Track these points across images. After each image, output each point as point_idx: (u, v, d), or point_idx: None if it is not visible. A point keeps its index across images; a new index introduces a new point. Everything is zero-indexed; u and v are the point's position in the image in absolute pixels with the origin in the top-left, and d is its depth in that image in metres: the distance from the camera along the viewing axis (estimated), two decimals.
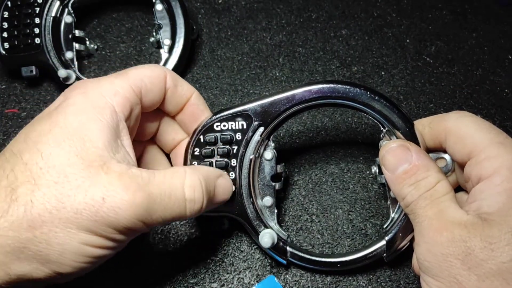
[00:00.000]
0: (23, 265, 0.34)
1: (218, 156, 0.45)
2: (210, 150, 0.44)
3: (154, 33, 0.57)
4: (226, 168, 0.45)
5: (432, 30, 0.60)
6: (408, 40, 0.60)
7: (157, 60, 0.59)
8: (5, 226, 0.33)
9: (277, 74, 0.58)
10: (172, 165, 0.49)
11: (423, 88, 0.57)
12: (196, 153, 0.45)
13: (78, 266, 0.35)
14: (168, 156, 0.49)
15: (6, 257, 0.33)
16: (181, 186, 0.38)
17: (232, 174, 0.45)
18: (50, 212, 0.33)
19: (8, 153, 0.36)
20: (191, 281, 0.47)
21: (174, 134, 0.47)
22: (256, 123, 0.44)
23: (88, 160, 0.35)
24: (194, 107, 0.45)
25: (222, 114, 0.44)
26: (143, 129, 0.46)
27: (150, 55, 0.60)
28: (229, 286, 0.47)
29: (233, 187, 0.44)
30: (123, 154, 0.38)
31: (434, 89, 0.57)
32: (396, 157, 0.40)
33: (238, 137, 0.44)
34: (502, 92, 0.57)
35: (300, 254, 0.46)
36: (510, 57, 0.59)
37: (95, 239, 0.35)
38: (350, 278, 0.48)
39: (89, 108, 0.37)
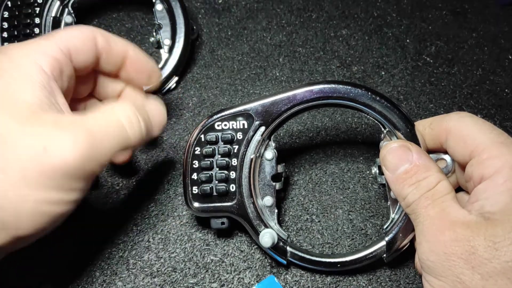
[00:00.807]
0: None
1: (219, 156, 0.45)
2: (211, 149, 0.44)
3: (154, 33, 0.57)
4: (227, 167, 0.45)
5: (432, 30, 0.60)
6: (408, 40, 0.60)
7: (157, 60, 0.59)
8: None
9: (277, 74, 0.58)
10: None
11: (423, 88, 0.57)
12: (197, 152, 0.45)
13: (38, 227, 0.34)
14: None
15: None
16: (115, 115, 0.38)
17: (232, 173, 0.45)
18: None
19: None
20: (191, 281, 0.47)
21: (114, 85, 0.46)
22: (257, 122, 0.44)
23: (21, 117, 0.34)
24: (135, 62, 0.44)
25: (223, 113, 0.44)
26: (79, 88, 0.45)
27: (150, 55, 0.59)
28: (229, 286, 0.47)
29: (164, 108, 0.45)
30: (57, 109, 0.37)
31: (434, 89, 0.57)
32: (396, 157, 0.40)
33: (239, 136, 0.44)
34: (502, 92, 0.57)
35: (300, 254, 0.46)
36: (510, 57, 0.59)
37: (48, 194, 0.34)
38: (350, 278, 0.47)
39: (15, 70, 0.36)
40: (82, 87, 0.45)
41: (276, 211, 0.46)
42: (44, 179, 0.33)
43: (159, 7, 0.56)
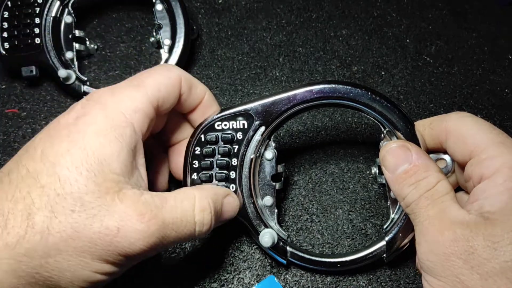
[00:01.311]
0: None
1: (219, 155, 0.45)
2: (211, 149, 0.44)
3: (154, 33, 0.57)
4: (227, 167, 0.45)
5: (432, 30, 0.60)
6: (408, 40, 0.60)
7: (157, 60, 0.59)
8: (20, 252, 0.33)
9: (277, 74, 0.58)
10: (169, 161, 0.49)
11: (423, 88, 0.57)
12: (197, 152, 0.45)
13: None
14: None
15: (19, 281, 0.34)
16: (192, 210, 0.39)
17: (232, 173, 0.45)
18: (66, 241, 0.33)
19: (24, 171, 0.35)
20: (191, 281, 0.47)
21: (178, 134, 0.47)
22: (257, 122, 0.44)
23: (104, 187, 0.35)
24: (206, 107, 0.45)
25: (223, 113, 0.44)
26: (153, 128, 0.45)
27: (150, 55, 0.59)
28: (229, 286, 0.47)
29: (240, 204, 0.45)
30: (137, 177, 0.38)
31: (434, 89, 0.57)
32: (396, 157, 0.40)
33: (239, 136, 0.44)
34: (502, 92, 0.57)
35: (300, 254, 0.46)
36: (510, 57, 0.59)
37: (106, 267, 0.35)
38: (350, 278, 0.48)
39: (109, 128, 0.37)
40: (155, 126, 0.45)
41: (276, 211, 0.46)
42: (107, 255, 0.35)
43: (159, 7, 0.56)
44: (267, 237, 0.44)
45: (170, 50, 0.56)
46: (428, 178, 0.38)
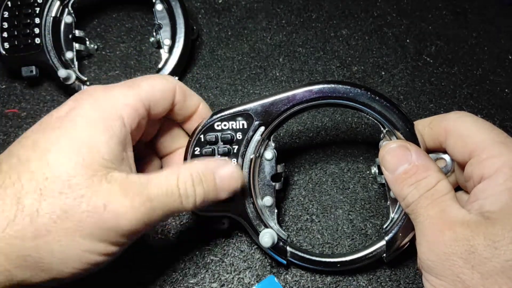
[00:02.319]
0: (25, 272, 0.35)
1: (219, 156, 0.45)
2: (211, 149, 0.44)
3: (154, 33, 0.57)
4: None
5: (432, 30, 0.60)
6: (408, 40, 0.60)
7: (157, 60, 0.59)
8: (11, 235, 0.34)
9: (277, 74, 0.58)
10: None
11: (423, 88, 0.57)
12: (196, 152, 0.45)
13: (77, 273, 0.36)
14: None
15: (10, 264, 0.34)
16: (175, 183, 0.39)
17: None
18: (55, 222, 0.34)
19: (15, 159, 0.36)
20: (191, 281, 0.47)
21: (172, 142, 0.48)
22: (257, 122, 0.44)
23: (92, 170, 0.36)
24: (201, 117, 0.46)
25: (223, 113, 0.44)
26: (146, 131, 0.46)
27: (150, 55, 0.60)
28: (229, 286, 0.47)
29: (241, 173, 0.43)
30: (126, 166, 0.39)
31: (434, 89, 0.57)
32: (396, 158, 0.40)
33: (239, 136, 0.44)
34: (502, 92, 0.57)
35: (300, 254, 0.46)
36: (510, 57, 0.59)
37: (98, 246, 0.36)
38: (350, 278, 0.48)
39: (99, 120, 0.38)
40: (148, 131, 0.46)
41: (276, 211, 0.46)
42: (97, 233, 0.35)
43: (159, 7, 0.56)
44: (267, 237, 0.44)
45: (170, 50, 0.56)
46: (428, 178, 0.38)
